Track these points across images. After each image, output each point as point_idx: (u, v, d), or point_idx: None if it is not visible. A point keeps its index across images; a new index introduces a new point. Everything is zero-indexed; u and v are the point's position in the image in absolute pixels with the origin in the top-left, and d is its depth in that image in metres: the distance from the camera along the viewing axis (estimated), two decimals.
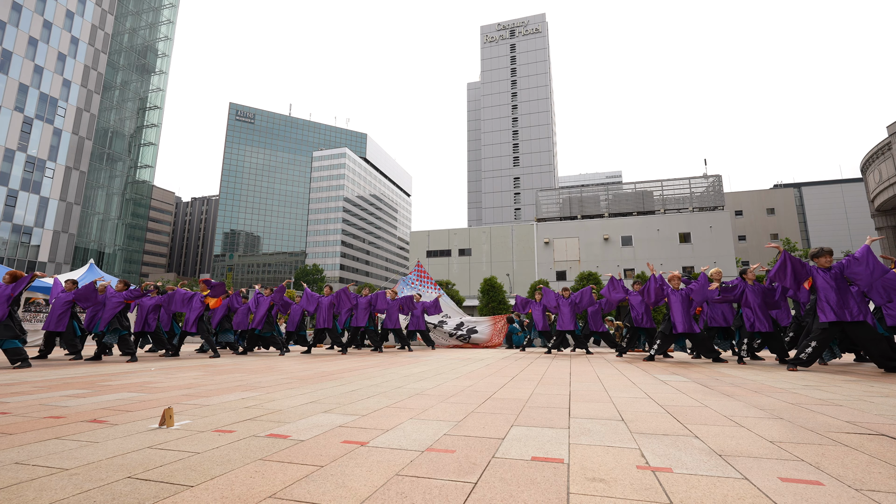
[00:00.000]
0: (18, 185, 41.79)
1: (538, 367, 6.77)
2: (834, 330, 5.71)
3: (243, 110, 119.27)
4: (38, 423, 2.76)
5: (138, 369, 6.45)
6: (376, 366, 6.97)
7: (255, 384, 4.69)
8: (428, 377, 5.34)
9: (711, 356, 7.46)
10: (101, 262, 51.77)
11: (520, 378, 5.24)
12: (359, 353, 10.36)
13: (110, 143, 56.10)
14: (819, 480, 1.71)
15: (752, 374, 5.49)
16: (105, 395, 3.96)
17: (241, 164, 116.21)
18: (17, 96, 42.19)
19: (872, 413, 2.99)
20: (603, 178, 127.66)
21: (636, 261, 35.51)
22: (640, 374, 5.74)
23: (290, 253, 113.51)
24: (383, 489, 1.64)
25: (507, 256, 45.53)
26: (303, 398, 3.74)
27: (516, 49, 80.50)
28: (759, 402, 3.45)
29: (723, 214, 35.04)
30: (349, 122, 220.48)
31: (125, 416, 2.97)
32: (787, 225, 54.31)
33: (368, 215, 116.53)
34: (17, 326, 6.89)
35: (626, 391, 4.15)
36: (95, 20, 50.44)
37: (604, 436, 2.42)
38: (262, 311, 10.33)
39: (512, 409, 3.22)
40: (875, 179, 32.94)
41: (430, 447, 2.20)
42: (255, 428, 2.61)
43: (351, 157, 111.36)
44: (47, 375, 5.59)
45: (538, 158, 74.99)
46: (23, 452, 2.12)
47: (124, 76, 59.20)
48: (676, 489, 1.63)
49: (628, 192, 39.40)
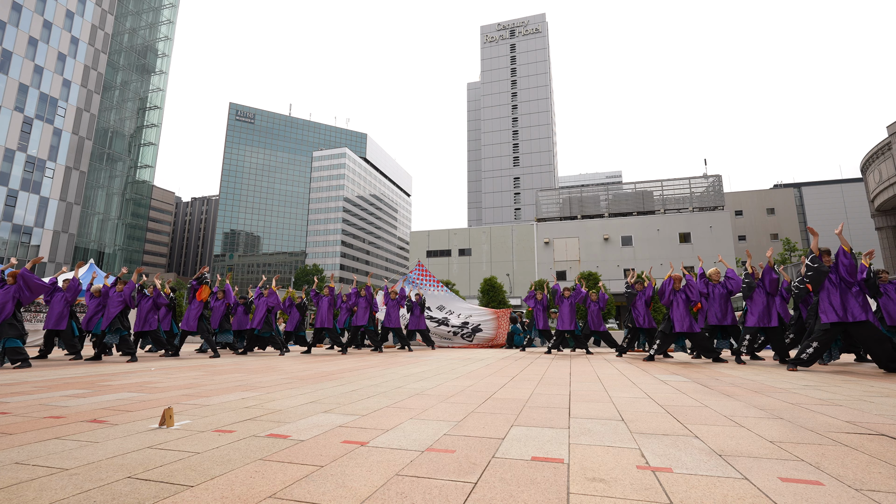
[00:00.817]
0: (18, 185, 41.77)
1: (538, 367, 6.77)
2: (836, 331, 5.71)
3: (243, 110, 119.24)
4: (38, 423, 2.76)
5: (138, 369, 6.45)
6: (376, 366, 6.97)
7: (255, 384, 4.69)
8: (428, 377, 5.34)
9: (711, 356, 7.46)
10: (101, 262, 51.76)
11: (520, 378, 5.24)
12: (359, 353, 10.36)
13: (110, 143, 56.09)
14: (819, 480, 1.71)
15: (752, 374, 5.49)
16: (105, 395, 3.95)
17: (241, 164, 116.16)
18: (17, 96, 42.17)
19: (872, 413, 2.99)
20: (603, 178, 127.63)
21: (636, 261, 35.49)
22: (640, 374, 5.73)
23: (290, 253, 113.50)
24: (383, 489, 1.63)
25: (507, 256, 45.53)
26: (303, 398, 3.73)
27: (516, 49, 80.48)
28: (759, 402, 3.45)
29: (723, 214, 35.04)
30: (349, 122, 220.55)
31: (125, 416, 2.97)
32: (787, 225, 54.29)
33: (368, 215, 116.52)
34: (21, 325, 6.90)
35: (626, 391, 4.15)
36: (95, 20, 50.43)
37: (604, 436, 2.42)
38: (260, 312, 10.33)
39: (512, 409, 3.22)
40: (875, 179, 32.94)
41: (430, 447, 2.20)
42: (255, 428, 2.61)
43: (351, 157, 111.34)
44: (47, 375, 5.59)
45: (538, 158, 74.97)
46: (23, 452, 2.12)
47: (124, 76, 59.18)
48: (676, 489, 1.63)
49: (628, 192, 39.40)
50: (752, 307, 7.15)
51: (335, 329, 11.14)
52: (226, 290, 10.21)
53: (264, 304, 10.34)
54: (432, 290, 14.19)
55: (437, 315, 13.52)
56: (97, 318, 8.88)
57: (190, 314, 9.24)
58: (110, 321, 8.48)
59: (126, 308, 8.78)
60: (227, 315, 10.43)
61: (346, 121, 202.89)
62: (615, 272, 35.29)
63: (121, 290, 8.77)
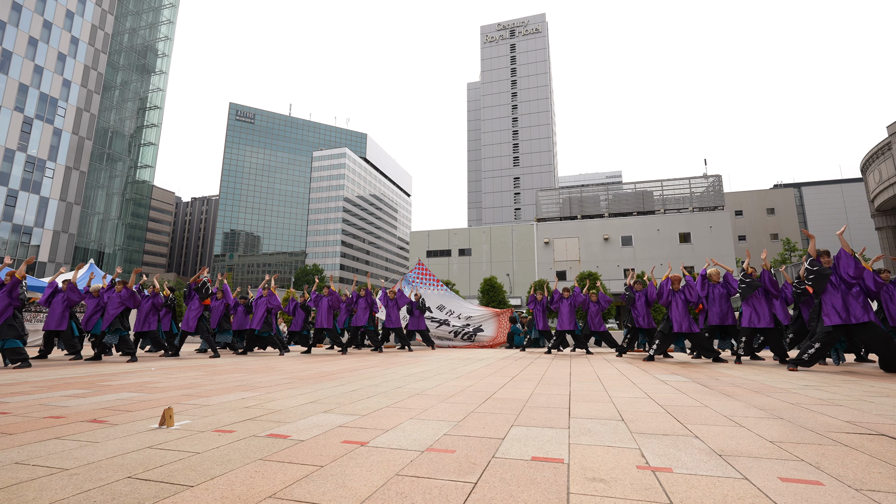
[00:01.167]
0: (18, 185, 41.77)
1: (538, 367, 6.77)
2: (838, 333, 5.71)
3: (243, 110, 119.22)
4: (38, 423, 2.76)
5: (138, 369, 6.45)
6: (376, 366, 6.97)
7: (255, 384, 4.69)
8: (428, 377, 5.34)
9: (711, 356, 7.46)
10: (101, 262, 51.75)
11: (520, 378, 5.24)
12: (359, 353, 10.36)
13: (110, 143, 56.09)
14: (819, 480, 1.71)
15: (752, 374, 5.49)
16: (105, 395, 3.95)
17: (241, 164, 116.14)
18: (17, 96, 42.16)
19: (872, 413, 2.99)
20: (603, 178, 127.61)
21: (636, 261, 35.49)
22: (640, 374, 5.73)
23: (290, 253, 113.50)
24: (383, 489, 1.63)
25: (507, 256, 45.53)
26: (303, 398, 3.73)
27: (516, 49, 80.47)
28: (759, 402, 3.45)
29: (723, 214, 35.04)
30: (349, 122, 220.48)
31: (125, 416, 2.97)
32: (787, 225, 54.29)
33: (368, 215, 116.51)
34: (20, 326, 6.89)
35: (626, 391, 4.15)
36: (95, 20, 50.42)
37: (604, 436, 2.42)
38: (260, 312, 10.34)
39: (512, 409, 3.22)
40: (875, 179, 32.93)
41: (430, 447, 2.20)
42: (255, 428, 2.61)
43: (351, 157, 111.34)
44: (47, 375, 5.59)
45: (538, 158, 74.97)
46: (23, 452, 2.12)
47: (124, 76, 59.18)
48: (676, 489, 1.63)
49: (628, 192, 39.39)
50: (749, 308, 7.15)
51: (335, 329, 11.14)
52: (224, 290, 10.22)
53: (264, 305, 10.35)
54: (433, 289, 14.15)
55: (438, 315, 13.50)
56: (96, 318, 8.88)
57: (190, 315, 9.24)
58: (110, 322, 8.48)
59: (126, 309, 8.78)
60: (226, 315, 10.44)
61: (346, 121, 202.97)
62: (615, 272, 35.28)
63: (119, 290, 8.77)
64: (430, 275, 14.51)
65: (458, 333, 13.28)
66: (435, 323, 13.27)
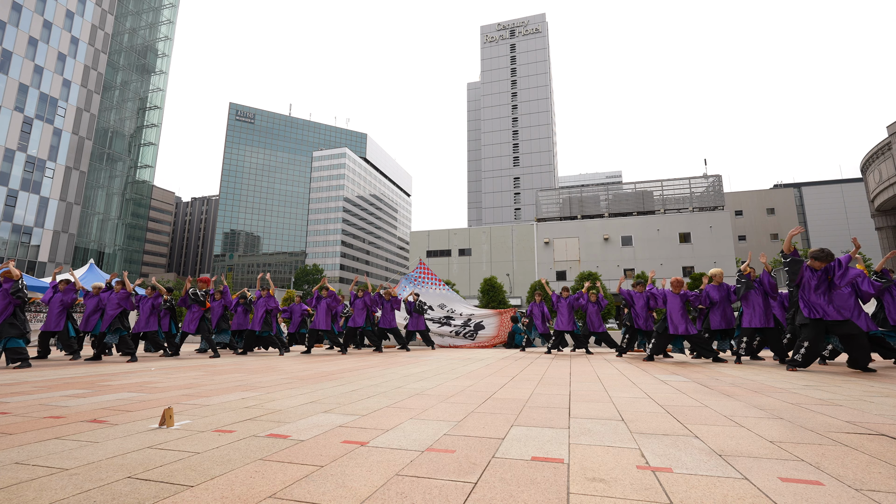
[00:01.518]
0: (18, 185, 41.77)
1: (538, 367, 6.77)
2: (818, 327, 5.73)
3: (243, 110, 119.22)
4: (38, 423, 2.75)
5: (138, 369, 6.45)
6: (376, 366, 6.97)
7: (255, 384, 4.69)
8: (428, 377, 5.34)
9: (711, 356, 7.46)
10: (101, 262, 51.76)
11: (520, 378, 5.24)
12: (359, 353, 10.36)
13: (110, 143, 56.09)
14: (819, 480, 1.71)
15: (751, 374, 5.49)
16: (105, 395, 3.95)
17: (241, 164, 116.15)
18: (17, 96, 42.17)
19: (872, 413, 2.99)
20: (603, 178, 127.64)
21: (636, 261, 35.51)
22: (640, 374, 5.73)
23: (290, 253, 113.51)
24: (383, 489, 1.63)
25: (507, 256, 45.54)
26: (303, 398, 3.73)
27: (516, 49, 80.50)
28: (759, 402, 3.45)
29: (723, 214, 35.05)
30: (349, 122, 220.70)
31: (125, 416, 2.97)
32: (787, 225, 54.31)
33: (368, 215, 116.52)
34: (22, 324, 6.89)
35: (626, 391, 4.15)
36: (95, 20, 50.42)
37: (604, 436, 2.42)
38: (259, 313, 10.34)
39: (512, 409, 3.22)
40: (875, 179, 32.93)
41: (430, 447, 2.20)
42: (255, 428, 2.61)
43: (351, 157, 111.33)
44: (47, 375, 5.59)
45: (538, 158, 74.99)
46: (23, 452, 2.12)
47: (124, 76, 59.18)
48: (676, 489, 1.63)
49: (628, 192, 39.41)
50: (748, 308, 7.16)
51: (332, 331, 11.13)
52: (223, 290, 10.22)
53: (263, 306, 10.36)
54: (434, 288, 14.16)
55: (439, 315, 13.50)
56: (95, 318, 8.88)
57: (190, 316, 9.24)
58: (109, 322, 8.48)
59: (125, 309, 8.78)
60: (224, 315, 10.45)
61: (346, 121, 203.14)
62: (615, 272, 35.29)
63: (118, 290, 8.77)
64: (432, 274, 14.52)
65: (458, 333, 13.29)
66: (436, 324, 13.28)
